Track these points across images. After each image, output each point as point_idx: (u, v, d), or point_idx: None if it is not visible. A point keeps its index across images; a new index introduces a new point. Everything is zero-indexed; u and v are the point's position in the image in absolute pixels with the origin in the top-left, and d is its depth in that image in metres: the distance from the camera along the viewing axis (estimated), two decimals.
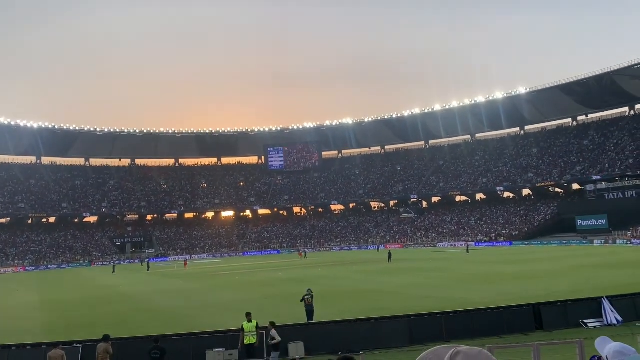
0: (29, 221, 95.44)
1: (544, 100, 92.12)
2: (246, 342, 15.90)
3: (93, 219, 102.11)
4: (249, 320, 16.22)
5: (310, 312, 20.60)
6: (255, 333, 16.04)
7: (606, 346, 3.13)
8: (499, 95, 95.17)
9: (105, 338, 15.04)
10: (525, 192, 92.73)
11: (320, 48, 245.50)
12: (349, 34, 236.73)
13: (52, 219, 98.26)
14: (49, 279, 55.43)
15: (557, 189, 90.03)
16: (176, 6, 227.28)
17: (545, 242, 71.34)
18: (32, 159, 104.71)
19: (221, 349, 16.17)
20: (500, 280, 31.43)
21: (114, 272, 60.84)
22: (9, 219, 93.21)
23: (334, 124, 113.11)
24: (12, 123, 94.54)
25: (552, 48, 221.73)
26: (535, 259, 46.36)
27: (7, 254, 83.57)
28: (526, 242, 73.40)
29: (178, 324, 21.15)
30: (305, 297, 20.84)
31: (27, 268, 78.55)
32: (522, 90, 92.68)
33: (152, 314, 25.47)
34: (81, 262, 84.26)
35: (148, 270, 61.43)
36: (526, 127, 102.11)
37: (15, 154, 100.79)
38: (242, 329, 16.05)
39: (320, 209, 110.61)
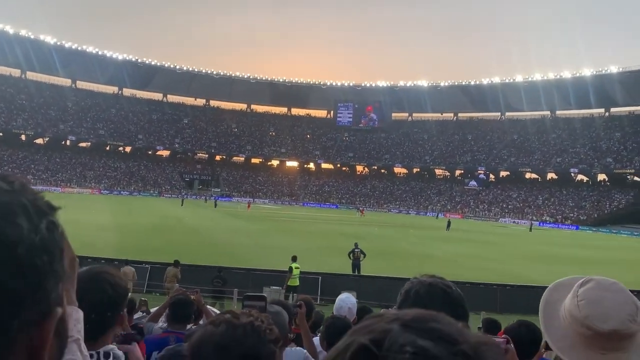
0: (107, 148, 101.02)
1: (637, 82, 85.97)
2: (291, 283, 16.66)
3: (165, 153, 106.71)
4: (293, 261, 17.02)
5: (356, 266, 21.04)
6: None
7: None
8: (586, 72, 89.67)
9: (176, 263, 16.00)
10: (601, 177, 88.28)
11: (398, 6, 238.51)
12: None
13: (127, 149, 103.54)
14: (122, 204, 58.89)
15: (635, 178, 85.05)
16: None
17: (615, 231, 68.19)
18: (114, 89, 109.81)
19: (278, 287, 16.92)
20: (563, 263, 30.58)
21: (182, 205, 63.80)
22: (89, 143, 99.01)
23: (407, 85, 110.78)
24: (99, 52, 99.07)
25: None
26: (603, 246, 44.57)
27: (86, 176, 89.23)
28: (594, 229, 70.41)
29: (239, 259, 22.19)
30: (355, 251, 21.26)
31: (102, 191, 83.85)
32: (613, 69, 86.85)
33: (215, 247, 26.79)
34: (151, 192, 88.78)
35: (215, 207, 64.07)
36: (612, 109, 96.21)
37: (100, 82, 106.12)
38: (291, 271, 16.78)
39: (383, 170, 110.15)
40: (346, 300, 4.69)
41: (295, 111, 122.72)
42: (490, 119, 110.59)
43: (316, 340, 4.10)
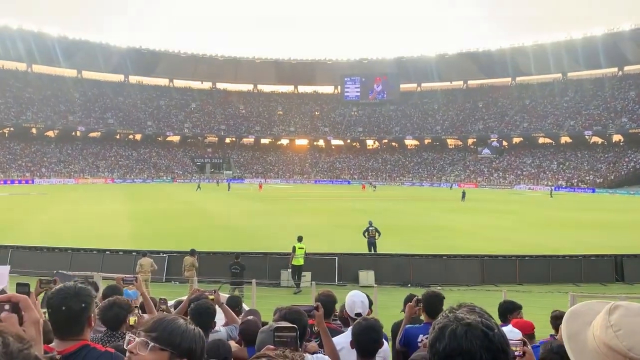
0: (117, 137, 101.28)
1: None
2: (295, 262, 16.61)
3: (175, 139, 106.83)
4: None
5: (372, 245, 20.61)
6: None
7: None
8: (597, 32, 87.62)
9: (192, 252, 16.00)
10: (616, 138, 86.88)
11: None
12: None
13: (138, 136, 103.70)
14: (136, 192, 59.20)
15: None
16: None
17: (632, 192, 67.32)
18: (120, 77, 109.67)
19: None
20: (581, 228, 30.27)
21: (199, 189, 63.75)
22: (99, 133, 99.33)
23: (414, 55, 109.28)
24: (103, 42, 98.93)
25: None
26: (620, 209, 44.05)
27: (98, 166, 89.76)
28: (611, 191, 69.62)
29: (255, 243, 22.16)
30: (369, 229, 20.81)
31: (115, 180, 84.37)
32: (625, 27, 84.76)
33: (231, 232, 26.80)
34: (164, 178, 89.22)
35: (229, 190, 64.12)
36: (625, 68, 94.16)
37: (105, 71, 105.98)
38: (294, 250, 16.68)
39: (394, 143, 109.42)
40: (357, 296, 4.69)
41: (302, 89, 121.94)
42: (500, 85, 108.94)
43: (340, 337, 3.97)
